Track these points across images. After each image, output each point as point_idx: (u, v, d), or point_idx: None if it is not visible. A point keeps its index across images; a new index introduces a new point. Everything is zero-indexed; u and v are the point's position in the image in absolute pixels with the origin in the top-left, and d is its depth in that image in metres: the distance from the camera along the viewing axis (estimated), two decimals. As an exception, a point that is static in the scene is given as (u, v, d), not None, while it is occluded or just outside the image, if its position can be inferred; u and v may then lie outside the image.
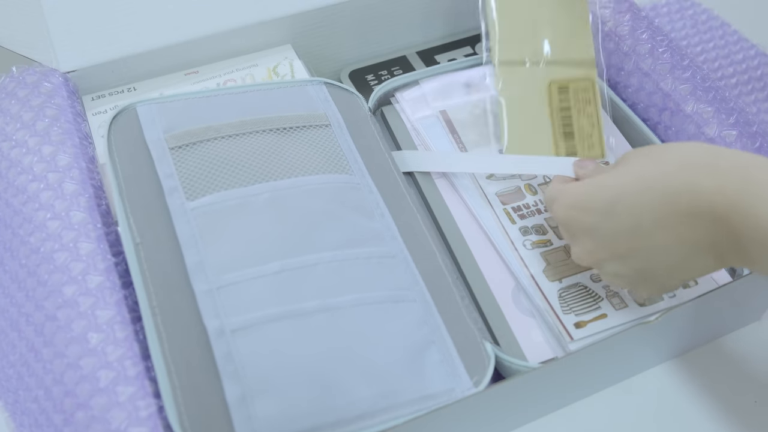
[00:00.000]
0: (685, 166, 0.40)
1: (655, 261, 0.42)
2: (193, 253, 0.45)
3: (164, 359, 0.41)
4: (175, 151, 0.49)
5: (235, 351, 0.41)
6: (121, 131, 0.51)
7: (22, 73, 0.56)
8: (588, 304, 0.49)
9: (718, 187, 0.38)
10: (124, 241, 0.45)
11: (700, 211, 0.39)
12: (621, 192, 0.42)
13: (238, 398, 0.40)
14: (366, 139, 0.55)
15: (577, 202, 0.44)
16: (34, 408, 0.42)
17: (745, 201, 0.37)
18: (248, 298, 0.43)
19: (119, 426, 0.39)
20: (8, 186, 0.49)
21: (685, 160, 0.41)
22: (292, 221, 0.47)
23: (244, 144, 0.51)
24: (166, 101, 0.53)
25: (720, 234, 0.39)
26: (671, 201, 0.40)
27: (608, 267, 0.44)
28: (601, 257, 0.44)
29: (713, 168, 0.39)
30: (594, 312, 0.48)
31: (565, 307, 0.48)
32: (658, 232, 0.41)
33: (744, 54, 0.74)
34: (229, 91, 0.55)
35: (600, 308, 0.48)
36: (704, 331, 0.53)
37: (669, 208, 0.40)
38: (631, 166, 0.43)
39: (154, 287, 0.43)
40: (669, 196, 0.40)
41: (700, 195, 0.39)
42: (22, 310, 0.45)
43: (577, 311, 0.48)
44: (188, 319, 0.42)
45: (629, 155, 0.45)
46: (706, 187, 0.39)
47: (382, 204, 0.51)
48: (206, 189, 0.48)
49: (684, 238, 0.40)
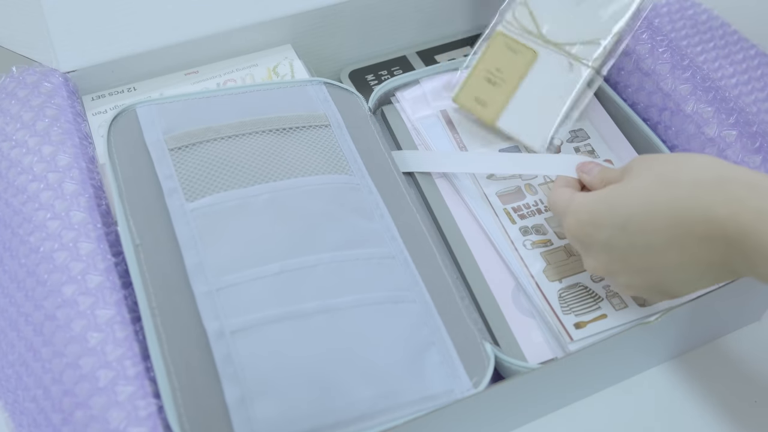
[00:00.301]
0: (696, 189, 0.40)
1: (669, 276, 0.42)
2: (193, 255, 0.45)
3: (164, 360, 0.41)
4: (175, 153, 0.49)
5: (235, 352, 0.41)
6: (121, 132, 0.51)
7: (22, 73, 0.56)
8: (588, 305, 0.49)
9: (731, 215, 0.38)
10: (123, 242, 0.45)
11: (713, 236, 0.39)
12: (631, 213, 0.42)
13: (238, 400, 0.40)
14: (366, 140, 0.55)
15: (590, 219, 0.44)
16: (33, 407, 0.42)
17: (758, 229, 0.37)
18: (248, 299, 0.43)
19: (118, 426, 0.38)
20: (8, 186, 0.49)
21: (696, 182, 0.40)
22: (291, 222, 0.47)
23: (244, 145, 0.51)
24: (165, 102, 0.53)
25: (734, 255, 0.39)
26: (682, 226, 0.40)
27: (621, 279, 0.44)
28: (614, 269, 0.44)
29: (725, 192, 0.39)
30: (594, 312, 0.48)
31: (565, 308, 0.48)
32: (670, 252, 0.41)
33: (744, 54, 0.74)
34: (229, 91, 0.55)
35: (600, 308, 0.48)
36: (704, 332, 0.53)
37: (680, 231, 0.40)
38: (640, 184, 0.42)
39: (153, 288, 0.43)
40: (680, 221, 0.40)
41: (712, 222, 0.39)
42: (21, 309, 0.45)
43: (577, 311, 0.48)
44: (188, 321, 0.42)
45: (638, 166, 0.44)
46: (720, 215, 0.38)
47: (382, 204, 0.51)
48: (206, 190, 0.48)
49: (697, 258, 0.40)
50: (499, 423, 0.48)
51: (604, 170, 0.48)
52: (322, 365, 0.42)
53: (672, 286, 0.43)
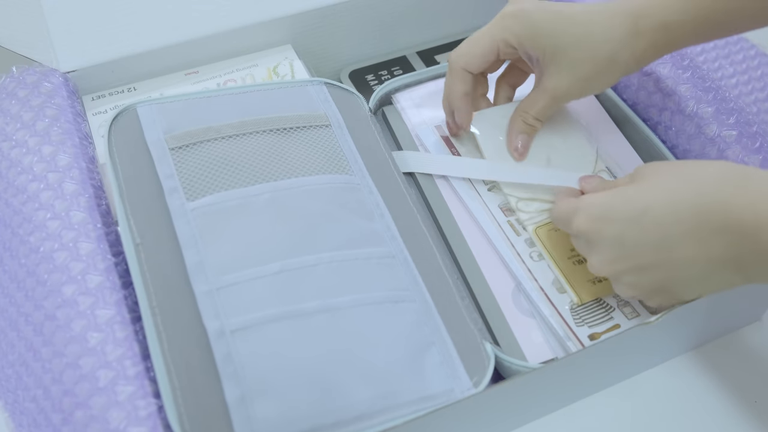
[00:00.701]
0: (720, 184, 0.40)
1: (677, 273, 0.42)
2: (193, 254, 0.45)
3: (164, 359, 0.41)
4: (176, 152, 0.49)
5: (235, 352, 0.41)
6: (122, 132, 0.51)
7: (22, 73, 0.56)
8: (600, 316, 0.48)
9: (749, 205, 0.39)
10: (124, 241, 0.45)
11: (730, 226, 0.39)
12: (649, 204, 0.42)
13: (238, 399, 0.40)
14: (366, 139, 0.55)
15: (603, 212, 0.44)
16: (33, 407, 0.42)
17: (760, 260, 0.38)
18: (248, 298, 0.43)
19: (118, 425, 0.38)
20: (8, 186, 0.49)
21: (720, 178, 0.41)
22: (292, 222, 0.47)
23: (245, 144, 0.51)
24: (166, 102, 0.53)
25: (747, 249, 0.39)
26: (702, 216, 0.40)
27: (626, 278, 0.44)
28: (620, 268, 0.44)
29: (744, 187, 0.39)
30: (607, 323, 0.48)
31: (578, 320, 0.48)
32: (684, 245, 0.41)
33: (744, 54, 0.74)
34: (230, 91, 0.55)
35: (613, 318, 0.48)
36: (704, 332, 0.53)
37: (699, 222, 0.40)
38: (658, 181, 0.43)
39: (154, 288, 0.43)
40: (701, 211, 0.40)
41: (731, 211, 0.39)
42: (21, 309, 0.45)
43: (590, 323, 0.48)
44: (188, 320, 0.42)
45: (648, 170, 0.44)
46: (737, 204, 0.39)
47: (382, 204, 0.51)
48: (206, 189, 0.48)
49: (711, 252, 0.40)
50: (500, 423, 0.48)
51: (604, 181, 0.50)
52: (322, 365, 0.42)
53: (679, 285, 0.43)
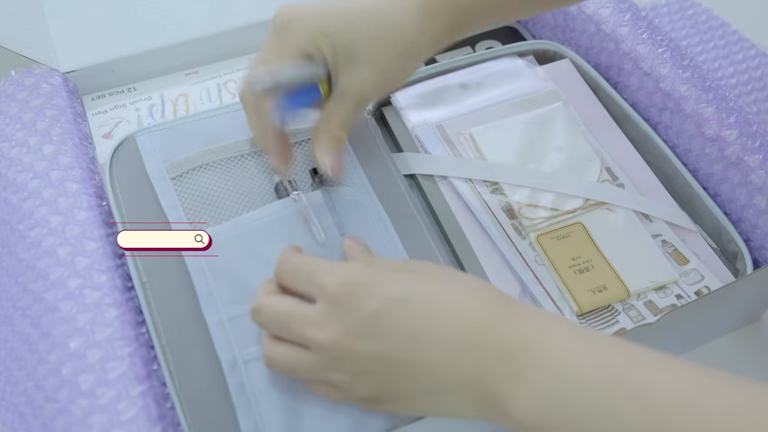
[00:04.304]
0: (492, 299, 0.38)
1: (413, 380, 0.38)
2: (203, 284, 0.44)
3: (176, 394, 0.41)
4: (177, 181, 0.49)
5: (248, 383, 0.41)
6: (123, 165, 0.50)
7: (20, 76, 0.56)
8: (606, 320, 0.48)
9: (516, 324, 0.37)
10: (133, 279, 0.45)
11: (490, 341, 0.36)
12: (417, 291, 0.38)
13: (252, 431, 0.40)
14: (365, 144, 0.55)
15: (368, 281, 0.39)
16: (22, 401, 0.42)
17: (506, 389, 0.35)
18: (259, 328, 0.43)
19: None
20: (8, 184, 0.49)
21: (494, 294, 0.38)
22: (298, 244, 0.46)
23: (243, 166, 0.50)
24: (163, 128, 0.52)
25: (501, 372, 0.36)
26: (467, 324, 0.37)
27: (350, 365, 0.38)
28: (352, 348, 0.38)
29: (513, 309, 0.37)
30: (613, 327, 0.47)
31: (584, 324, 0.47)
32: (435, 348, 0.37)
33: (744, 54, 0.74)
34: (226, 110, 0.54)
35: (618, 322, 0.48)
36: (704, 332, 0.53)
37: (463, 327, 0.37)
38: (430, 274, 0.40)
39: (163, 325, 0.43)
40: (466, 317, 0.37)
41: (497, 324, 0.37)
42: (17, 304, 0.45)
43: (597, 328, 0.47)
44: (200, 352, 0.43)
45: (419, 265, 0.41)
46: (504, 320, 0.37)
47: (384, 215, 0.51)
48: (211, 218, 0.47)
49: (457, 365, 0.37)
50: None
51: (372, 254, 0.45)
52: None
53: (406, 393, 0.38)
